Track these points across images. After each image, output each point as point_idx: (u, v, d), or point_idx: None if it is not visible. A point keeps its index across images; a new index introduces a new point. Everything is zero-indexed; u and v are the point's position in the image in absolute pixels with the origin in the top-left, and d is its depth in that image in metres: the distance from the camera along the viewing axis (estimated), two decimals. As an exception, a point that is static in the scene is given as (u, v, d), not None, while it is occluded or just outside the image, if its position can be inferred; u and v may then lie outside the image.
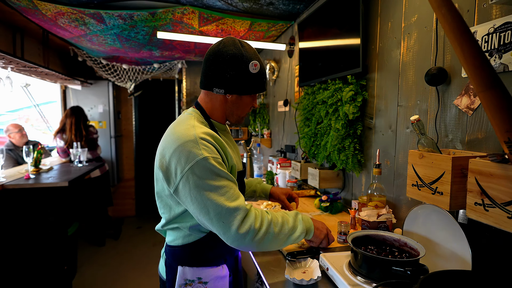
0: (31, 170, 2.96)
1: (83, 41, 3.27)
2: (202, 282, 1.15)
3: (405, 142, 1.50)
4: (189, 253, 1.15)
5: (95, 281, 3.18)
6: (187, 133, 1.04)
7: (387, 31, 1.60)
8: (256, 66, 1.11)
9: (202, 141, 1.03)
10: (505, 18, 1.00)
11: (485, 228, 1.07)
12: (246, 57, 1.10)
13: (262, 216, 1.06)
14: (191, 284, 1.15)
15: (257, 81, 1.14)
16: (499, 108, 0.77)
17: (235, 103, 1.17)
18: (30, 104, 4.07)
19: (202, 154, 1.00)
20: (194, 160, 0.99)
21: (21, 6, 2.38)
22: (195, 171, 0.99)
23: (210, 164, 1.00)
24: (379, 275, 0.97)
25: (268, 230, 1.04)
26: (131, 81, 4.52)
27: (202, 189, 0.99)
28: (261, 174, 2.95)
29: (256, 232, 1.01)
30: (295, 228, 1.12)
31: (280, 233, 1.07)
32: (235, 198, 1.03)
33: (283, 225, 1.09)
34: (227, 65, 1.09)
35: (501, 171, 0.83)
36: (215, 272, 1.16)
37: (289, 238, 1.11)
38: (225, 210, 0.99)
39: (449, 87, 1.23)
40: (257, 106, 1.27)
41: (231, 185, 1.04)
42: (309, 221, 1.20)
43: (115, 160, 4.95)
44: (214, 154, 1.03)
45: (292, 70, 2.95)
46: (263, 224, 1.04)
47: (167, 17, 2.53)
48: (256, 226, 1.02)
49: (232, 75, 1.10)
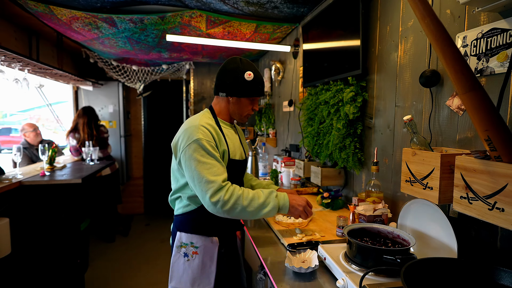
0: (46, 167, 3.09)
1: (95, 44, 3.40)
2: (194, 246, 1.44)
3: (402, 141, 1.57)
4: (187, 221, 1.46)
5: (106, 275, 3.31)
6: (193, 122, 1.38)
7: (386, 34, 1.67)
8: (250, 75, 1.42)
9: (201, 127, 1.35)
10: (492, 24, 1.07)
11: (474, 222, 1.14)
12: (242, 69, 1.43)
13: (233, 191, 1.31)
14: (185, 247, 1.45)
15: (252, 87, 1.44)
16: (479, 109, 0.84)
17: (236, 104, 1.47)
18: (41, 104, 4.21)
19: (198, 136, 1.32)
20: (191, 139, 1.32)
21: (38, 11, 2.50)
22: (191, 147, 1.31)
23: (202, 145, 1.31)
24: (372, 263, 1.05)
25: (236, 202, 1.29)
26: (140, 82, 4.64)
27: (193, 161, 1.30)
28: (266, 173, 3.04)
29: (224, 202, 1.27)
30: (265, 204, 1.33)
31: (248, 206, 1.30)
32: (216, 175, 1.29)
33: (253, 200, 1.32)
34: (228, 75, 1.43)
35: (483, 166, 0.90)
36: (206, 240, 1.44)
37: (260, 212, 1.32)
38: (204, 180, 1.28)
39: (442, 89, 1.30)
40: (257, 109, 1.54)
41: (215, 164, 1.32)
42: (285, 199, 1.38)
43: (124, 159, 5.09)
44: (208, 138, 1.34)
45: (296, 71, 3.03)
46: (232, 197, 1.29)
47: (175, 20, 2.63)
48: (225, 198, 1.27)
49: (231, 82, 1.43)
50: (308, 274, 1.20)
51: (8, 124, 17.21)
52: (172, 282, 1.45)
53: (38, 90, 3.79)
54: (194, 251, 1.44)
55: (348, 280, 1.03)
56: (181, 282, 1.43)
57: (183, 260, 1.44)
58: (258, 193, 1.35)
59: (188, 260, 1.44)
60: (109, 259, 3.70)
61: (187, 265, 1.43)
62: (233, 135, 1.52)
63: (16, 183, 2.57)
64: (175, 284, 1.44)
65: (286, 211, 1.38)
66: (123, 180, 5.10)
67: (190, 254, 1.44)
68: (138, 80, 4.62)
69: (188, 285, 1.42)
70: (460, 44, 1.20)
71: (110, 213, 4.28)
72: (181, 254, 1.45)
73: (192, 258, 1.43)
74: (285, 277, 1.19)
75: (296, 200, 1.40)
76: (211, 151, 1.32)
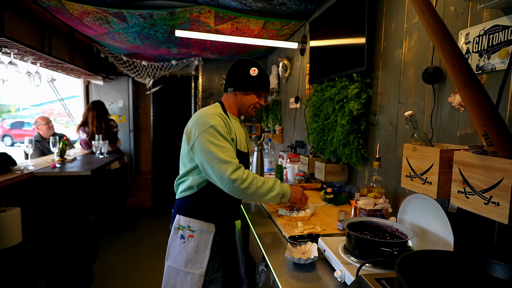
0: (57, 159, 3.17)
1: (106, 39, 3.46)
2: (191, 229, 1.52)
3: (404, 137, 1.58)
4: (186, 205, 1.55)
5: (115, 266, 3.38)
6: (207, 111, 1.50)
7: (391, 31, 1.68)
8: (255, 71, 1.56)
9: (216, 115, 1.47)
10: (494, 21, 1.08)
11: (472, 217, 1.15)
12: (247, 65, 1.57)
13: (249, 173, 1.46)
14: (182, 229, 1.54)
15: (257, 82, 1.57)
16: (476, 104, 0.85)
17: (242, 98, 1.61)
18: (53, 99, 4.30)
19: (213, 122, 1.43)
20: (208, 125, 1.42)
21: (51, 6, 2.56)
22: (207, 131, 1.41)
23: (217, 130, 1.42)
24: (370, 255, 1.07)
25: (252, 182, 1.44)
26: (149, 77, 4.70)
27: (210, 143, 1.40)
28: (272, 168, 3.06)
29: (243, 180, 1.40)
30: (273, 188, 1.53)
31: (261, 187, 1.47)
32: (232, 157, 1.42)
33: (264, 183, 1.50)
34: (235, 72, 1.59)
35: (480, 161, 0.91)
36: (202, 225, 1.52)
37: (268, 194, 1.50)
38: (223, 160, 1.39)
39: (444, 85, 1.31)
40: (263, 104, 1.66)
41: (230, 148, 1.44)
42: (286, 187, 1.63)
43: (133, 153, 5.17)
44: (222, 125, 1.46)
45: (303, 68, 3.04)
46: (249, 177, 1.44)
47: (185, 16, 2.66)
48: (243, 177, 1.41)
49: (238, 78, 1.58)
50: (307, 265, 1.23)
51: (21, 118, 17.57)
52: (168, 260, 1.56)
53: (50, 84, 3.88)
54: (190, 234, 1.52)
55: (345, 270, 1.05)
56: (176, 261, 1.53)
57: (179, 242, 1.53)
58: (267, 179, 1.54)
59: (184, 242, 1.52)
60: (117, 251, 3.78)
61: (183, 247, 1.52)
62: (239, 129, 1.64)
63: (28, 174, 2.65)
64: (170, 263, 1.55)
65: (288, 197, 1.62)
66: (132, 174, 5.18)
67: (186, 236, 1.52)
68: (147, 75, 4.68)
69: (182, 265, 1.51)
70: (463, 41, 1.20)
71: (118, 206, 4.37)
72: (178, 236, 1.54)
73: (188, 241, 1.51)
74: (285, 267, 1.22)
75: (294, 188, 1.70)
76: (226, 136, 1.44)
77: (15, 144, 14.19)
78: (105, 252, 3.71)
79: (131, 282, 3.08)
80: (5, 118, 17.34)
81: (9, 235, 2.19)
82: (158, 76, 4.76)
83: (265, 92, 1.64)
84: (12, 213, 2.21)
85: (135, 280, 3.13)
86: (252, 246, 2.19)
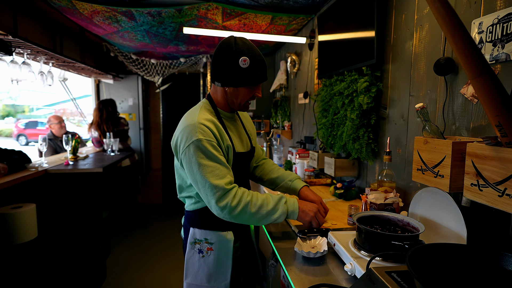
0: (70, 157, 3.23)
1: (115, 37, 3.49)
2: (209, 242, 1.39)
3: (416, 131, 1.55)
4: (199, 217, 1.40)
5: (127, 262, 3.44)
6: (191, 119, 1.28)
7: (401, 23, 1.65)
8: (246, 61, 1.25)
9: (200, 126, 1.24)
10: (508, 9, 1.05)
11: (486, 211, 1.13)
12: (236, 54, 1.25)
13: (242, 197, 1.26)
14: (199, 243, 1.40)
15: (249, 74, 1.28)
16: (489, 94, 0.83)
17: (234, 94, 1.34)
18: (66, 99, 4.38)
19: (197, 136, 1.22)
20: (190, 141, 1.22)
21: (61, 6, 2.60)
22: (190, 149, 1.23)
23: (202, 146, 1.22)
24: (381, 249, 1.06)
25: (244, 209, 1.24)
26: (158, 75, 4.73)
27: (194, 164, 1.23)
28: (281, 164, 3.06)
29: (231, 208, 1.22)
30: (274, 210, 1.29)
31: (257, 213, 1.26)
32: (220, 178, 1.23)
33: (262, 207, 1.27)
34: (221, 62, 1.28)
35: (493, 153, 0.89)
36: (220, 236, 1.38)
37: (268, 218, 1.29)
38: (208, 184, 1.22)
39: (456, 77, 1.28)
40: (260, 95, 1.38)
41: (217, 166, 1.24)
42: (294, 205, 1.35)
43: (144, 151, 5.22)
44: (208, 137, 1.24)
45: (312, 62, 3.01)
46: (240, 203, 1.24)
47: (192, 13, 2.67)
48: (232, 204, 1.22)
49: (225, 71, 1.28)
50: (317, 259, 1.22)
51: (35, 117, 17.95)
52: (187, 278, 1.41)
53: (62, 84, 3.94)
54: (208, 247, 1.39)
55: (355, 264, 1.04)
56: (196, 278, 1.39)
57: (198, 257, 1.40)
58: (267, 198, 1.31)
59: (203, 257, 1.39)
60: (129, 247, 3.83)
61: (202, 261, 1.39)
62: (235, 126, 1.46)
63: (42, 171, 2.71)
64: (190, 281, 1.41)
65: (296, 217, 1.36)
66: (143, 172, 5.24)
67: (205, 250, 1.39)
68: (156, 74, 4.71)
69: (204, 281, 1.38)
70: (476, 31, 1.17)
71: (130, 203, 4.43)
72: (195, 251, 1.40)
73: (207, 255, 1.38)
74: (294, 261, 1.22)
75: (307, 206, 1.38)
76: (213, 152, 1.24)
77: (30, 143, 14.52)
78: (118, 248, 3.77)
79: (144, 277, 3.13)
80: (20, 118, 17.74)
81: (26, 230, 2.25)
82: (167, 74, 4.79)
83: (261, 83, 1.35)
84: (28, 209, 2.26)
85: (147, 275, 3.17)
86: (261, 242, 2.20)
